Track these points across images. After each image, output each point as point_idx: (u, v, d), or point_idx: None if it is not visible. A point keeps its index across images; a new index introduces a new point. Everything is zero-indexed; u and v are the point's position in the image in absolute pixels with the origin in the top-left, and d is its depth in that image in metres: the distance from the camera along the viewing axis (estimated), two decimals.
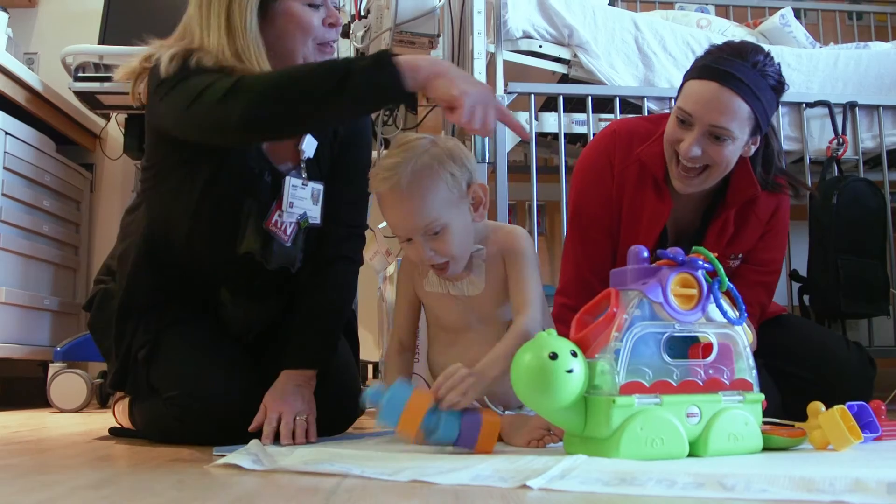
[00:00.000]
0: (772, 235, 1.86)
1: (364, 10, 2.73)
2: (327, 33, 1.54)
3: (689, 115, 1.66)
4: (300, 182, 1.59)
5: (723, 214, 1.80)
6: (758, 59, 1.65)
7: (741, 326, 1.29)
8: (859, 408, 1.39)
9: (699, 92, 1.65)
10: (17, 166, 2.89)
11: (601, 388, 1.19)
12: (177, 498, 0.93)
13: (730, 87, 1.62)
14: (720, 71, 1.63)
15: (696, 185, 1.73)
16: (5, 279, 2.83)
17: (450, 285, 1.54)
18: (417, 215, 1.40)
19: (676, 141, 1.70)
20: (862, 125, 2.64)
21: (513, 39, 2.51)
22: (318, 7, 1.52)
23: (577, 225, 1.90)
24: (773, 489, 0.90)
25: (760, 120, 1.66)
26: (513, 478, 1.00)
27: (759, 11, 3.66)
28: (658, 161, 1.79)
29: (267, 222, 1.58)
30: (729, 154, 1.67)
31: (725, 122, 1.63)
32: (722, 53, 1.67)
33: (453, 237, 1.43)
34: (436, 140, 1.45)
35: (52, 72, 3.34)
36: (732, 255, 1.83)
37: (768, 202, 1.82)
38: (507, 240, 1.52)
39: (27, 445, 1.60)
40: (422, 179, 1.39)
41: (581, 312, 1.29)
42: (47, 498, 0.93)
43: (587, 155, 1.93)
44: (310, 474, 1.10)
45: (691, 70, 1.72)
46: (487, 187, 1.49)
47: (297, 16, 1.50)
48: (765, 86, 1.65)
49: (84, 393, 2.73)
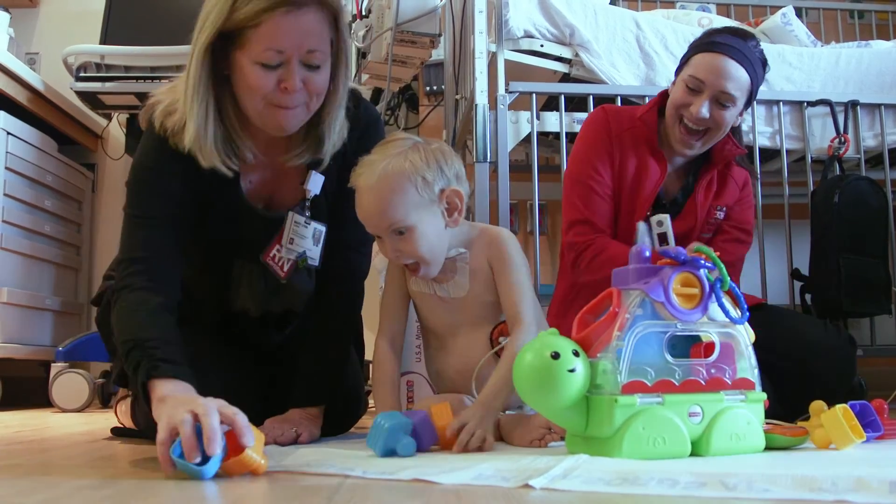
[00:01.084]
0: (745, 204, 2.07)
1: (365, 10, 2.73)
2: (281, 98, 1.38)
3: (701, 82, 1.88)
4: (303, 219, 1.57)
5: (709, 173, 2.02)
6: (754, 42, 1.92)
7: (743, 326, 1.28)
8: (861, 407, 1.39)
9: (710, 62, 1.88)
10: (18, 166, 2.90)
11: (603, 388, 1.19)
12: (178, 498, 0.93)
13: (736, 59, 1.86)
14: (727, 45, 1.88)
15: (696, 147, 1.95)
16: (7, 279, 2.83)
17: (436, 286, 1.54)
18: (381, 213, 1.42)
19: (685, 105, 1.91)
20: (863, 124, 2.64)
21: (514, 39, 2.51)
22: (275, 68, 1.36)
23: (575, 184, 2.00)
24: (776, 488, 0.90)
25: (754, 91, 1.92)
26: (515, 477, 1.00)
27: (761, 10, 3.65)
28: (653, 128, 1.99)
29: (265, 255, 1.56)
30: (729, 118, 1.90)
31: (732, 89, 1.86)
32: (728, 32, 1.92)
33: (419, 240, 1.44)
34: (420, 143, 1.45)
35: (53, 72, 3.34)
36: (718, 207, 2.03)
37: (740, 172, 2.06)
38: (493, 245, 1.52)
39: (29, 445, 1.60)
40: (390, 179, 1.40)
41: (583, 312, 1.29)
42: (49, 498, 0.93)
43: (584, 131, 2.08)
44: (311, 474, 1.10)
45: (698, 45, 1.93)
46: (464, 194, 1.48)
47: (244, 74, 1.37)
48: (759, 64, 1.91)
49: (86, 393, 2.74)
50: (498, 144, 2.41)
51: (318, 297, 1.63)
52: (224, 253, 1.57)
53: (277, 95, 1.38)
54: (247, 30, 1.33)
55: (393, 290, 1.59)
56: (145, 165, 1.49)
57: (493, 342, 1.51)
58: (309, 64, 1.37)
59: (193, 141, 1.40)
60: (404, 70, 2.84)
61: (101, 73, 3.06)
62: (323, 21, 1.36)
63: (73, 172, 3.35)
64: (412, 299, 1.60)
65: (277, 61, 1.35)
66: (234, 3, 1.32)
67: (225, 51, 1.38)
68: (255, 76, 1.36)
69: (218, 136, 1.43)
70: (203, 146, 1.41)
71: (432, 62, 3.01)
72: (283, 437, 1.43)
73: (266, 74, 1.36)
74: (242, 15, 1.32)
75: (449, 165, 1.46)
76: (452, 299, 1.53)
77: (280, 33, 1.33)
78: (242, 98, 1.42)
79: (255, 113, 1.42)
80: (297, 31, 1.33)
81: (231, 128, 1.46)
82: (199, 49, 1.37)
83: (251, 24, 1.32)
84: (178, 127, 1.43)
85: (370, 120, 1.64)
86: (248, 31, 1.33)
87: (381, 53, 2.65)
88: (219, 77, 1.41)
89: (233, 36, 1.35)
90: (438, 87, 3.27)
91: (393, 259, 1.48)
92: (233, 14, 1.32)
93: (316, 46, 1.36)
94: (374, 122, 1.65)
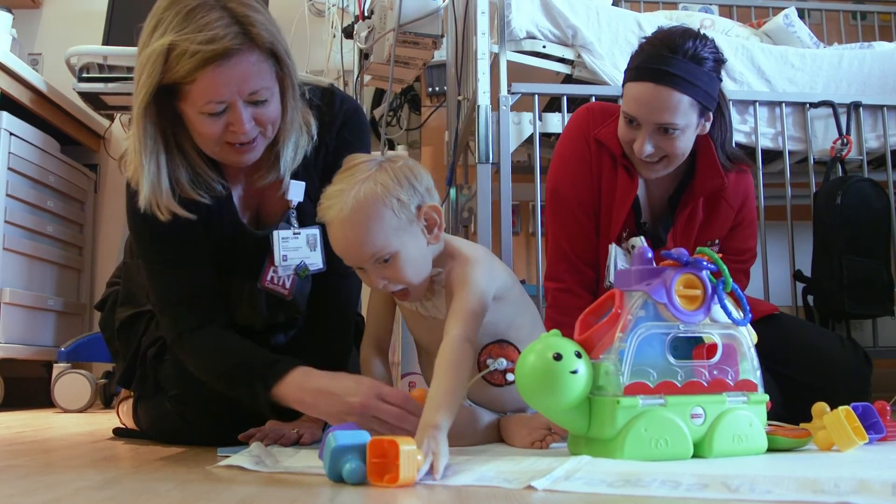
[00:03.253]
0: (743, 228, 1.92)
1: (368, 11, 2.74)
2: (235, 137, 1.38)
3: (635, 118, 1.72)
4: (290, 233, 1.55)
5: (690, 203, 1.85)
6: (687, 47, 1.68)
7: (745, 327, 1.28)
8: (864, 408, 1.39)
9: (638, 94, 1.70)
10: (21, 167, 2.90)
11: (605, 389, 1.19)
12: (180, 499, 0.93)
13: (664, 84, 1.66)
14: (653, 70, 1.68)
15: (661, 171, 1.79)
16: (9, 280, 2.83)
17: (418, 305, 1.49)
18: (364, 245, 1.32)
19: (629, 141, 1.76)
20: (866, 125, 2.64)
21: (516, 40, 2.51)
22: (221, 114, 1.35)
23: (557, 208, 1.92)
24: (778, 490, 0.90)
25: (704, 101, 1.70)
26: (517, 479, 1.00)
27: (763, 11, 3.65)
28: (616, 142, 1.83)
29: (262, 282, 1.55)
30: (682, 143, 1.73)
31: (669, 118, 1.68)
32: (653, 49, 1.71)
33: (405, 264, 1.35)
34: (383, 162, 1.36)
35: (56, 72, 3.35)
36: (709, 242, 1.87)
37: (737, 188, 1.87)
38: (458, 271, 1.41)
39: (31, 446, 1.60)
40: (364, 207, 1.29)
41: (585, 313, 1.29)
42: (51, 499, 0.93)
43: (564, 137, 1.97)
44: (313, 475, 1.10)
45: (627, 71, 1.76)
46: (441, 208, 1.41)
47: (192, 123, 1.38)
48: (699, 71, 1.68)
49: (88, 393, 2.74)
50: (500, 145, 2.41)
51: (312, 298, 1.63)
52: (224, 270, 1.56)
53: (230, 136, 1.38)
54: (184, 86, 1.33)
55: (378, 295, 1.54)
56: (137, 223, 1.52)
57: (480, 365, 1.46)
58: (255, 101, 1.37)
59: (149, 198, 1.40)
60: (407, 71, 2.84)
61: (104, 73, 3.06)
62: (258, 60, 1.34)
63: (76, 173, 3.35)
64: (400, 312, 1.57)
65: (221, 109, 1.34)
66: (165, 64, 1.31)
67: (170, 100, 1.37)
68: (203, 125, 1.36)
69: (185, 177, 1.44)
70: (159, 201, 1.41)
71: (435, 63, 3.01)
72: (285, 438, 1.43)
73: (213, 122, 1.36)
74: (177, 74, 1.31)
75: (419, 181, 1.37)
76: (434, 318, 1.48)
77: (217, 86, 1.32)
78: (198, 142, 1.42)
79: (214, 154, 1.44)
80: (233, 80, 1.32)
81: (195, 164, 1.46)
82: (140, 107, 1.35)
83: (187, 81, 1.31)
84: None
85: (349, 111, 1.61)
86: (185, 86, 1.33)
87: (383, 54, 2.65)
88: (172, 120, 1.40)
89: (173, 90, 1.35)
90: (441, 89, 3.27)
91: (380, 289, 1.40)
92: (166, 73, 1.31)
93: (256, 87, 1.35)
94: (352, 113, 1.62)
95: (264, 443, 1.40)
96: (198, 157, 1.46)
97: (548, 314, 1.91)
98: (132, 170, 1.43)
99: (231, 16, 1.32)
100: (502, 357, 1.46)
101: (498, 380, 1.47)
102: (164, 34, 1.31)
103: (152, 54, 1.31)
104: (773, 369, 1.78)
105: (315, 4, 3.68)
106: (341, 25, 3.42)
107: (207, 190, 1.47)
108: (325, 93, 1.59)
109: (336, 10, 3.54)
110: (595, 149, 1.88)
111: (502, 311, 1.46)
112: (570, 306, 1.78)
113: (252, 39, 1.33)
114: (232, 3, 1.33)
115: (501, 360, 1.46)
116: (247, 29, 1.32)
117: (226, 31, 1.30)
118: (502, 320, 1.47)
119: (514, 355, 1.46)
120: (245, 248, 1.55)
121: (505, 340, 1.48)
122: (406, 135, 3.62)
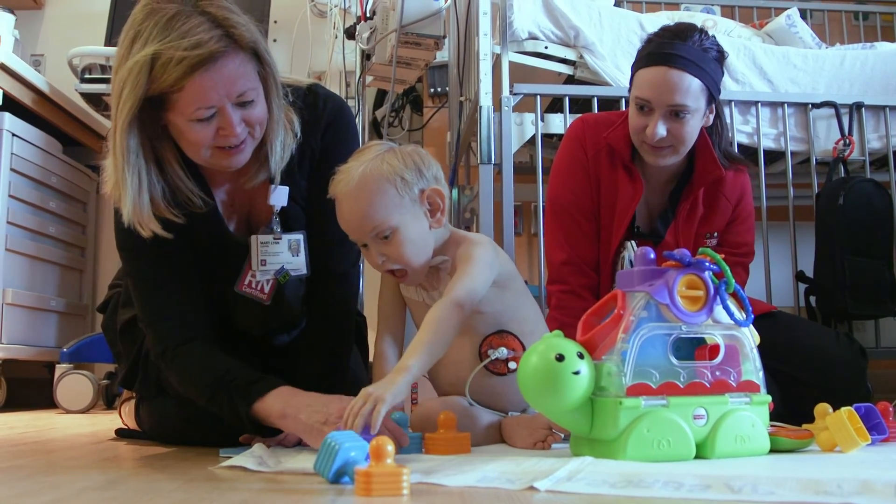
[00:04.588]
0: (740, 223, 1.97)
1: (370, 12, 2.74)
2: (225, 141, 1.38)
3: (648, 101, 1.78)
4: (271, 238, 1.54)
5: (691, 196, 1.91)
6: (695, 38, 1.78)
7: (748, 328, 1.28)
8: (867, 409, 1.39)
9: (651, 78, 1.78)
10: (23, 168, 2.90)
11: (608, 390, 1.19)
12: (182, 500, 0.93)
13: (677, 67, 1.75)
14: (664, 54, 1.76)
15: (668, 158, 1.84)
16: (12, 280, 2.83)
17: (425, 294, 1.51)
18: (363, 217, 1.40)
19: (641, 128, 1.82)
20: (868, 126, 2.63)
21: (518, 41, 2.51)
22: (210, 119, 1.35)
23: (558, 214, 1.97)
24: (781, 491, 0.90)
25: (711, 89, 1.79)
26: (519, 479, 1.00)
27: (765, 12, 3.65)
28: (624, 143, 1.89)
29: (239, 285, 1.55)
30: (691, 128, 1.80)
31: (681, 99, 1.75)
32: (662, 39, 1.80)
33: (405, 242, 1.41)
34: (396, 147, 1.45)
35: (58, 73, 3.35)
36: (708, 234, 1.93)
37: (734, 184, 1.94)
38: (463, 249, 1.46)
39: (34, 446, 1.60)
40: (369, 182, 1.39)
41: (588, 314, 1.29)
42: (54, 499, 0.93)
43: (561, 149, 2.02)
44: (315, 476, 1.10)
45: (638, 60, 1.84)
46: (445, 194, 1.46)
47: (182, 131, 1.37)
48: (707, 58, 1.78)
49: (90, 394, 2.74)
50: (502, 146, 2.41)
51: (309, 299, 1.63)
52: (216, 278, 1.56)
53: (220, 140, 1.38)
54: (171, 94, 1.32)
55: (387, 293, 1.57)
56: (121, 238, 1.51)
57: (481, 355, 1.48)
58: (242, 103, 1.37)
59: (132, 214, 1.39)
60: (409, 72, 2.84)
61: (106, 74, 3.06)
62: (243, 61, 1.35)
63: (78, 174, 3.35)
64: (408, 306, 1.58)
65: (211, 114, 1.34)
66: (150, 74, 1.30)
67: (155, 112, 1.37)
68: (193, 132, 1.36)
69: (159, 194, 1.42)
70: (141, 217, 1.40)
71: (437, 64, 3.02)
72: (287, 439, 1.43)
73: (203, 128, 1.35)
74: (164, 84, 1.30)
75: (427, 167, 1.45)
76: None
77: (205, 92, 1.31)
78: (186, 150, 1.42)
79: (203, 161, 1.42)
80: (221, 84, 1.32)
81: (178, 179, 1.45)
82: (123, 122, 1.34)
83: (174, 89, 1.31)
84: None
85: (334, 111, 1.61)
86: (173, 95, 1.32)
87: (385, 55, 2.66)
88: (154, 132, 1.40)
89: (159, 100, 1.34)
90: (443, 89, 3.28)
91: (379, 266, 1.45)
92: (152, 84, 1.30)
93: (243, 88, 1.35)
94: (338, 112, 1.62)
95: (266, 444, 1.40)
96: (179, 170, 1.45)
97: (551, 315, 1.92)
98: (111, 186, 1.41)
99: (212, 20, 1.31)
100: (503, 346, 1.48)
101: (500, 368, 1.48)
102: (145, 45, 1.30)
103: (135, 66, 1.30)
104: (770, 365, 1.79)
105: (317, 5, 3.69)
106: (343, 26, 3.42)
107: (186, 206, 1.45)
108: (307, 93, 1.58)
109: (338, 10, 3.54)
110: (592, 154, 1.93)
111: (504, 300, 1.49)
112: (575, 307, 1.80)
113: (235, 41, 1.33)
114: (210, 8, 1.33)
115: (502, 349, 1.48)
116: (229, 31, 1.32)
117: (209, 35, 1.30)
118: (505, 310, 1.49)
119: (515, 344, 1.48)
120: (235, 256, 1.55)
121: (505, 330, 1.49)
122: (408, 135, 3.62)
